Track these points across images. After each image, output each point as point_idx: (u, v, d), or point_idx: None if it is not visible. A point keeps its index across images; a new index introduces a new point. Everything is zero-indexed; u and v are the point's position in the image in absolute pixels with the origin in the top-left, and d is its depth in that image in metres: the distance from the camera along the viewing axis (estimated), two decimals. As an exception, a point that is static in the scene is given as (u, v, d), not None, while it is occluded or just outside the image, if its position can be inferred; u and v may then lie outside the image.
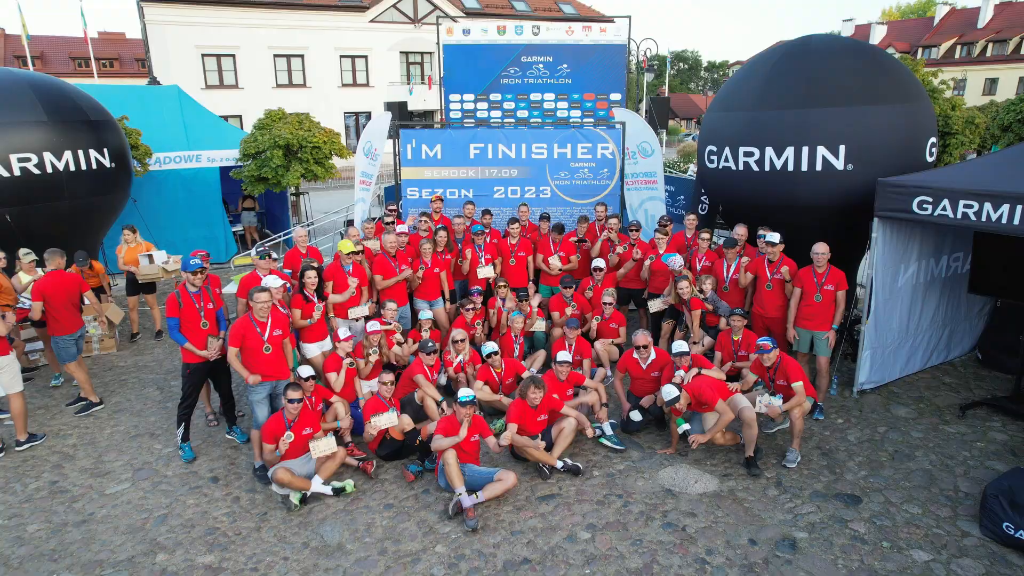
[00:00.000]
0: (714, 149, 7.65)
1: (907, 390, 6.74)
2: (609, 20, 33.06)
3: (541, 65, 11.69)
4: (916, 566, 4.17)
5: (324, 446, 5.11)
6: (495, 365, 6.30)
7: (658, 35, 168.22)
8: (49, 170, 7.99)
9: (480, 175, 9.14)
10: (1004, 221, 5.36)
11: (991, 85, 48.09)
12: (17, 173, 7.73)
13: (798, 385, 5.39)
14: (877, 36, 56.99)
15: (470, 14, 33.14)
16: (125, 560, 4.42)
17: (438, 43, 11.35)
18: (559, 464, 5.36)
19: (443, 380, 6.61)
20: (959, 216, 5.61)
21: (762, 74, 7.43)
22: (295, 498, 4.99)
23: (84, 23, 26.45)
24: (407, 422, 5.54)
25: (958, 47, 50.09)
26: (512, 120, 11.61)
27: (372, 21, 31.48)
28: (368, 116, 32.86)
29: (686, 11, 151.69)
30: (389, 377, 5.81)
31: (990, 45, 48.07)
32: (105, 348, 8.27)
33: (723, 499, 4.97)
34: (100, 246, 9.63)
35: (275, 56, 30.15)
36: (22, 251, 7.13)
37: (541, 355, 7.11)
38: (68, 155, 8.13)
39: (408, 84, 32.59)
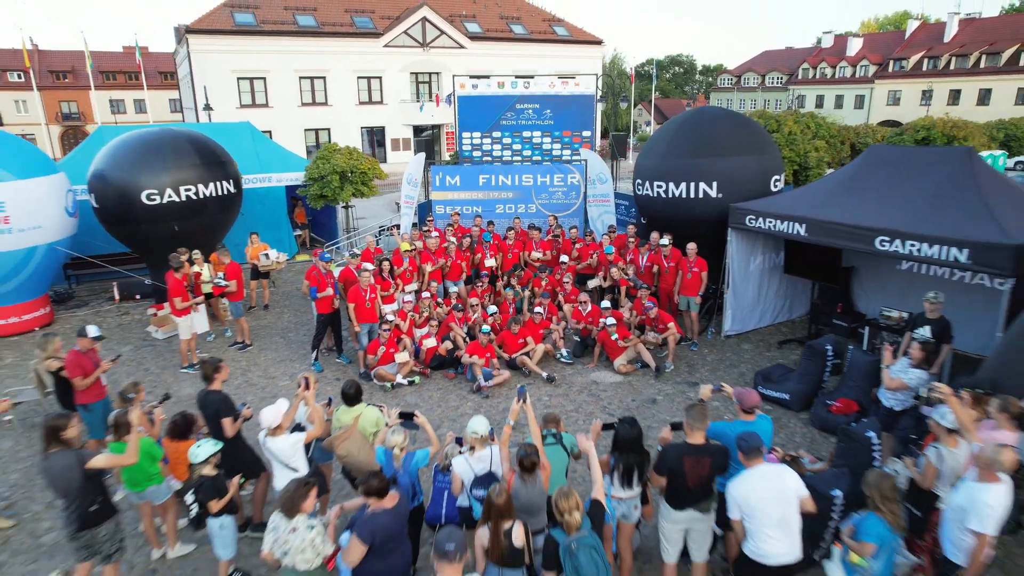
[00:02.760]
0: (640, 182, 11.76)
1: (756, 335, 10.87)
2: (598, 42, 37.56)
3: (531, 110, 15.78)
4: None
5: (403, 357, 9.23)
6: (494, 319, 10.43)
7: (654, 42, 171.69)
8: (200, 196, 12.09)
9: (486, 197, 13.28)
10: (790, 232, 9.45)
11: (955, 96, 52.10)
12: (183, 199, 11.84)
13: (671, 325, 9.52)
14: (853, 48, 61.03)
15: (473, 38, 37.30)
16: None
17: (454, 88, 15.44)
18: (544, 375, 9.42)
19: (464, 330, 10.72)
20: (767, 228, 9.71)
21: (670, 133, 11.56)
22: (388, 386, 9.11)
23: (139, 55, 30.48)
24: (448, 346, 9.67)
25: (925, 60, 54.11)
26: (510, 152, 15.75)
27: (386, 46, 35.60)
28: (382, 131, 37.04)
29: (682, 26, 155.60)
30: (429, 329, 9.97)
31: (953, 59, 52.09)
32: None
33: (623, 385, 9.11)
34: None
35: (300, 78, 34.27)
36: (194, 253, 11.21)
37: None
38: (211, 186, 12.25)
39: (418, 101, 36.69)
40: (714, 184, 10.79)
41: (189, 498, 5.04)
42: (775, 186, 11.29)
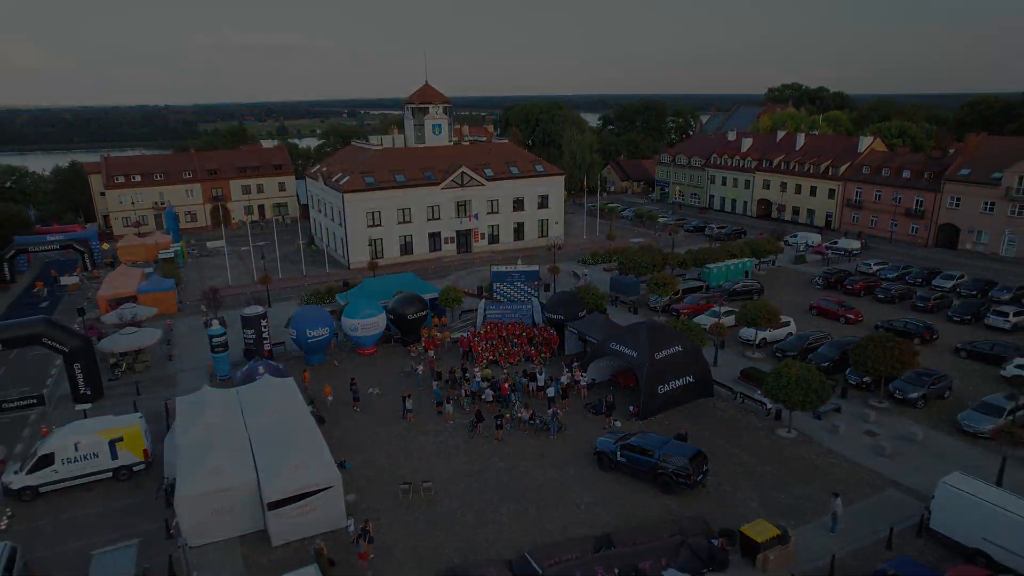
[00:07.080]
0: (546, 312, 44.35)
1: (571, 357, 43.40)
2: (561, 173, 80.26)
3: (516, 274, 48.68)
4: (552, 371, 40.84)
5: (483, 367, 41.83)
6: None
7: (634, 82, 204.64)
8: (420, 315, 44.64)
9: (502, 313, 46.00)
10: (575, 332, 41.98)
11: (799, 188, 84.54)
12: (417, 316, 44.38)
13: (547, 355, 42.12)
14: (745, 145, 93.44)
15: (489, 179, 70.02)
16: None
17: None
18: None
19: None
20: (573, 332, 42.24)
21: (558, 297, 44.23)
22: (483, 365, 41.67)
23: (251, 208, 63.12)
24: (493, 357, 42.23)
25: (783, 162, 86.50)
26: (511, 290, 48.40)
27: (441, 188, 68.19)
28: (439, 234, 69.84)
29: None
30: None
31: (797, 164, 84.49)
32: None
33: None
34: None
35: (397, 209, 66.93)
36: (433, 327, 43.83)
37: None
38: (423, 312, 44.79)
39: (458, 217, 69.30)
40: (563, 315, 43.40)
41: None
42: (580, 315, 43.89)
